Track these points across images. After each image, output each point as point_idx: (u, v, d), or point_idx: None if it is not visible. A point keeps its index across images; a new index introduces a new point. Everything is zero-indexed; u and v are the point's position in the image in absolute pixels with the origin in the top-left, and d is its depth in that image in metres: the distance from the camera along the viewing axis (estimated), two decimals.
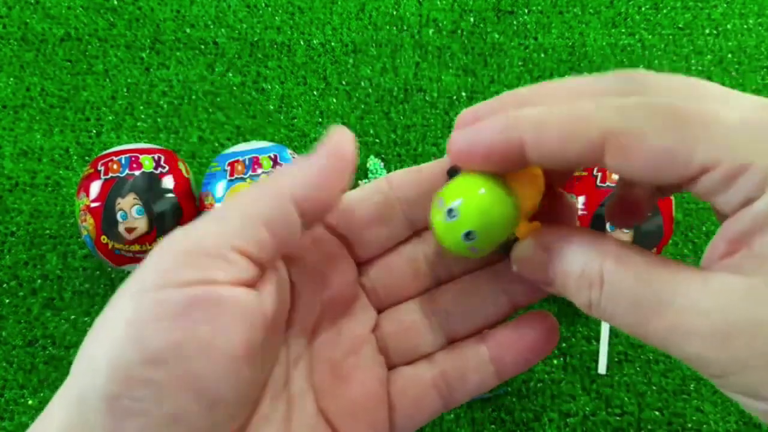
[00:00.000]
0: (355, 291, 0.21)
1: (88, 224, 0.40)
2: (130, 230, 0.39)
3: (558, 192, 0.20)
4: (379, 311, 0.22)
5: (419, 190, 0.21)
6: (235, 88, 0.50)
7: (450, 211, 0.17)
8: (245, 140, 0.49)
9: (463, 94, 0.50)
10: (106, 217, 0.39)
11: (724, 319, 0.14)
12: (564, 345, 0.45)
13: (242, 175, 0.39)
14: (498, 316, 0.21)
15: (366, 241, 0.21)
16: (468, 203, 0.17)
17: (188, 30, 0.51)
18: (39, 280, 0.45)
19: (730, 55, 0.51)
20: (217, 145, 0.49)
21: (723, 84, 0.53)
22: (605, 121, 0.15)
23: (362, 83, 0.50)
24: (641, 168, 0.15)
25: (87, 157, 0.48)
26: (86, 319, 0.45)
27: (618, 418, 0.44)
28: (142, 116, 0.49)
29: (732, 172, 0.14)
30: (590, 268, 0.16)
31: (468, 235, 0.17)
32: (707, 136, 0.14)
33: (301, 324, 0.20)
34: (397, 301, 0.22)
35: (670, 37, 0.52)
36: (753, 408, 0.15)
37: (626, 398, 0.44)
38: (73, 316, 0.45)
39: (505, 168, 0.17)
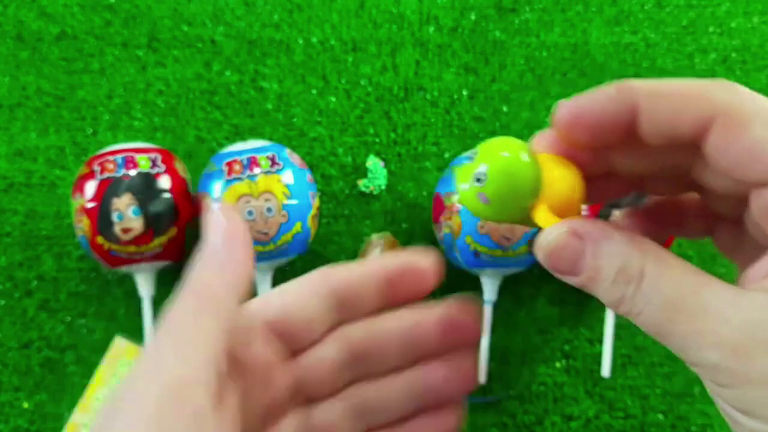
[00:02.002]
0: (293, 388, 0.21)
1: (83, 225, 0.39)
2: (126, 231, 0.39)
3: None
4: (306, 404, 0.22)
5: (354, 287, 0.21)
6: (232, 86, 0.49)
7: (472, 155, 0.19)
8: (243, 139, 0.48)
9: (464, 92, 0.50)
10: (102, 217, 0.38)
11: (750, 334, 0.15)
12: (567, 348, 0.44)
13: (239, 175, 0.39)
14: (415, 411, 0.22)
15: (299, 340, 0.21)
16: (487, 148, 0.18)
17: (185, 28, 0.50)
18: (34, 282, 0.45)
19: (734, 54, 0.51)
20: (214, 144, 0.48)
21: None
22: (719, 98, 0.15)
23: (362, 82, 0.50)
24: (737, 154, 0.15)
25: (83, 157, 0.47)
26: (82, 320, 0.44)
27: (622, 421, 0.43)
28: (139, 115, 0.48)
29: None
30: (631, 264, 0.16)
31: (477, 179, 0.18)
32: None
33: (248, 423, 0.20)
34: (319, 397, 0.22)
35: (674, 35, 0.51)
36: (745, 426, 0.15)
37: (630, 401, 0.43)
38: (68, 318, 0.44)
39: (609, 140, 0.17)
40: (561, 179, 0.18)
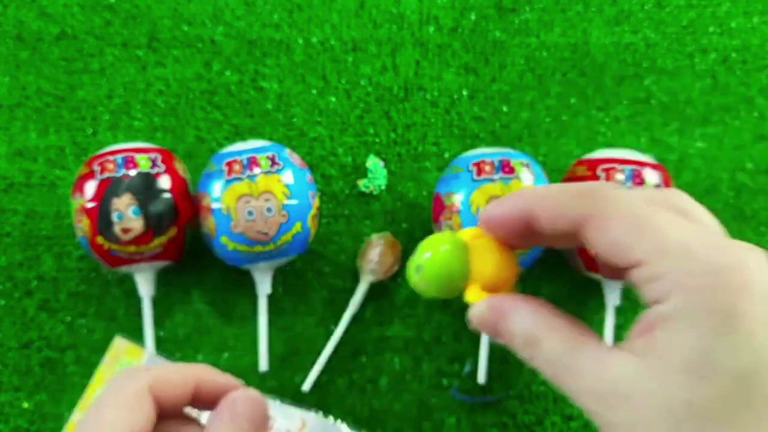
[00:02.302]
0: None
1: (83, 225, 0.39)
2: (125, 231, 0.39)
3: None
4: None
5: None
6: (232, 86, 0.49)
7: (415, 249, 0.24)
8: (243, 139, 0.48)
9: (464, 92, 0.50)
10: (102, 217, 0.38)
11: (613, 387, 0.19)
12: None
13: (239, 175, 0.39)
14: None
15: None
16: (425, 244, 0.24)
17: (185, 28, 0.50)
18: (34, 282, 0.45)
19: (734, 54, 0.51)
20: (214, 144, 0.48)
21: (728, 84, 0.53)
22: (588, 203, 0.21)
23: (362, 82, 0.50)
24: (604, 245, 0.20)
25: (83, 157, 0.47)
26: (82, 320, 0.44)
27: None
28: (139, 115, 0.49)
29: (653, 275, 0.19)
30: (531, 332, 0.22)
31: (418, 269, 0.24)
32: (649, 240, 0.19)
33: None
34: None
35: (674, 35, 0.51)
36: None
37: None
38: (68, 318, 0.44)
39: (521, 234, 0.23)
40: (491, 262, 0.24)
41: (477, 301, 0.24)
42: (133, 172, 0.39)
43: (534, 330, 0.22)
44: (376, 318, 0.45)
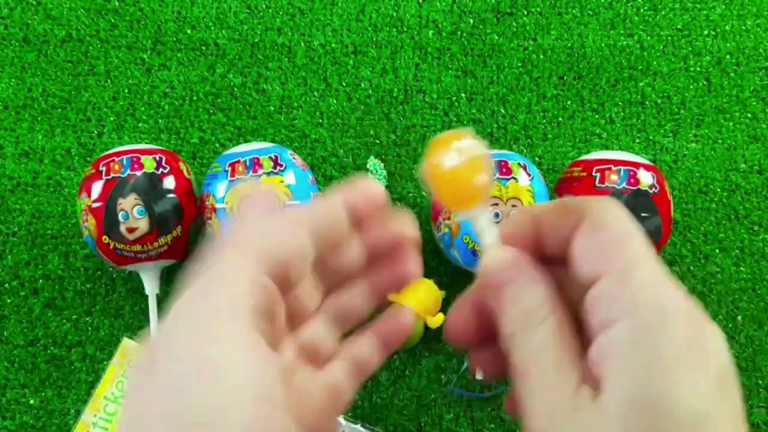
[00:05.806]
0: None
1: (89, 224, 0.40)
2: (131, 230, 0.39)
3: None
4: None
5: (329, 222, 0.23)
6: (235, 89, 0.50)
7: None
8: (246, 141, 0.49)
9: (463, 95, 0.50)
10: (108, 217, 0.39)
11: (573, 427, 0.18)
12: None
13: (243, 176, 0.40)
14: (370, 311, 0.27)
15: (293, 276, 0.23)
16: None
17: (189, 31, 0.51)
18: (40, 280, 0.46)
19: (728, 56, 0.51)
20: (217, 145, 0.49)
21: (722, 86, 0.53)
22: (590, 203, 0.20)
23: (362, 84, 0.50)
24: (588, 248, 0.19)
25: (88, 158, 0.48)
26: (87, 318, 0.45)
27: None
28: (144, 117, 0.49)
29: (614, 287, 0.18)
30: (537, 311, 0.20)
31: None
32: (622, 253, 0.19)
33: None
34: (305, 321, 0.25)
35: (669, 38, 0.52)
36: None
37: None
38: (74, 316, 0.45)
39: (531, 247, 0.22)
40: (430, 306, 0.28)
41: (437, 323, 0.27)
42: (138, 173, 0.40)
43: (541, 311, 0.19)
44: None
